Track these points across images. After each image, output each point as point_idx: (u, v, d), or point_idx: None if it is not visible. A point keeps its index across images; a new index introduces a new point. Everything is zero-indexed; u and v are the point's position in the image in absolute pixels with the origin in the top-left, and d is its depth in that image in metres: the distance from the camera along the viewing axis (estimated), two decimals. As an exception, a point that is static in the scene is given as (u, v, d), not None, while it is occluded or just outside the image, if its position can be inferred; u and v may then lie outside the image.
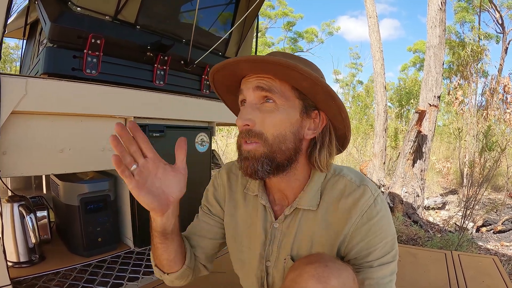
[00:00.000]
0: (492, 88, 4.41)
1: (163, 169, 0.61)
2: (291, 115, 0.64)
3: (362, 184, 0.68)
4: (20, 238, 1.37)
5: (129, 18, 1.66)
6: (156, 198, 0.60)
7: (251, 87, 0.65)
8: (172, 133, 1.73)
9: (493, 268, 1.75)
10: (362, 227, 0.65)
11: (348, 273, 0.59)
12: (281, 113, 0.63)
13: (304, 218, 0.71)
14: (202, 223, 0.86)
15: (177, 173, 0.62)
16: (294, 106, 0.65)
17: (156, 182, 0.60)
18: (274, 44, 19.43)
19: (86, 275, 1.42)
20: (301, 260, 0.64)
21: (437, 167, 5.93)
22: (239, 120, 0.65)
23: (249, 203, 0.79)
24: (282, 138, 0.64)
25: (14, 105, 1.18)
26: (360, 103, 10.11)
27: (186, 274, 0.78)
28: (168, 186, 0.61)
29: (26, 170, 1.30)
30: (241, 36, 2.40)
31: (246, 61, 0.63)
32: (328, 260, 0.59)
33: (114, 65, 1.66)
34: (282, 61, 0.59)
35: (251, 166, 0.64)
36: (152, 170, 0.60)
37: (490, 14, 8.38)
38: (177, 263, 0.76)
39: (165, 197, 0.61)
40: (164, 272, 0.77)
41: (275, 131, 0.63)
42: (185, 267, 0.77)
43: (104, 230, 1.58)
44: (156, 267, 0.78)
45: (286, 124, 0.64)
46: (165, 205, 0.62)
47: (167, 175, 0.61)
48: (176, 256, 0.74)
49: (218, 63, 0.67)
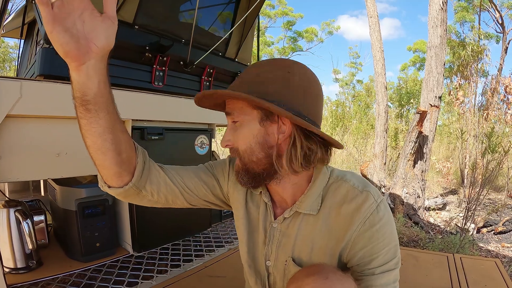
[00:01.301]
0: (493, 88, 4.39)
1: (90, 12, 0.52)
2: (252, 127, 0.66)
3: (365, 189, 0.67)
4: (17, 244, 1.34)
5: (127, 18, 1.63)
6: (74, 40, 0.51)
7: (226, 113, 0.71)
8: (171, 136, 1.70)
9: (495, 271, 1.74)
10: (364, 233, 0.65)
11: (350, 284, 0.58)
12: (243, 128, 0.67)
13: (305, 222, 0.70)
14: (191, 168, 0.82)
15: (105, 20, 0.53)
16: (253, 118, 0.66)
17: (79, 24, 0.51)
18: (273, 43, 19.39)
19: (85, 279, 1.40)
20: (301, 271, 0.64)
21: (437, 167, 5.92)
22: (221, 142, 0.71)
23: (254, 201, 0.79)
24: (250, 151, 0.66)
25: (9, 109, 1.15)
26: (361, 103, 10.10)
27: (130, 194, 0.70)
28: (92, 32, 0.52)
29: (22, 175, 1.28)
30: (242, 36, 2.37)
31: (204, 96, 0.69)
32: (328, 272, 0.59)
33: (111, 66, 1.61)
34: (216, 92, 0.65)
35: (238, 178, 0.71)
36: (77, 9, 0.51)
37: (490, 13, 8.38)
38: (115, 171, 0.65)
39: (85, 43, 0.52)
40: (105, 183, 0.68)
41: (243, 145, 0.67)
42: (130, 185, 0.67)
43: (102, 235, 1.55)
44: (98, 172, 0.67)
45: (249, 137, 0.66)
46: (84, 52, 0.52)
47: (94, 19, 0.52)
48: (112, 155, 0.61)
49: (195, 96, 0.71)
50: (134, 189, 0.68)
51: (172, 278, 1.49)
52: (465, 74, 4.81)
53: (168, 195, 0.75)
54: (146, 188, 0.71)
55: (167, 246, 1.83)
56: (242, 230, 0.80)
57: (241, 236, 0.81)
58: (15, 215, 1.33)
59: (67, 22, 0.50)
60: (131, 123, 1.53)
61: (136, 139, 1.58)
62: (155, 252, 1.74)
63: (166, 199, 0.75)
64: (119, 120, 0.62)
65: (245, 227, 0.79)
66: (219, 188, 0.81)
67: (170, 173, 0.75)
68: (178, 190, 0.75)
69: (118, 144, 0.62)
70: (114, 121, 0.60)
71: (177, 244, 1.88)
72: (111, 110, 0.59)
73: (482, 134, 3.57)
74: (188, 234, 1.97)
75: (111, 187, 0.68)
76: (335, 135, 8.07)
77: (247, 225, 0.79)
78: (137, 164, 0.68)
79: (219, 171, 0.82)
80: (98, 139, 0.59)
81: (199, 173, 0.80)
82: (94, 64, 0.54)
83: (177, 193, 0.75)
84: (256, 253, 0.79)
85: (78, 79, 0.54)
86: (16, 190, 2.09)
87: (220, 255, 1.78)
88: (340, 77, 21.07)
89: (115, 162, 0.63)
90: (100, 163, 0.63)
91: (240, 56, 2.38)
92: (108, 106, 0.58)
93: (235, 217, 0.83)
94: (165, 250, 1.78)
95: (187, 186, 0.77)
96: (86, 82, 0.55)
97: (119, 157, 0.63)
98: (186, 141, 1.80)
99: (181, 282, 1.47)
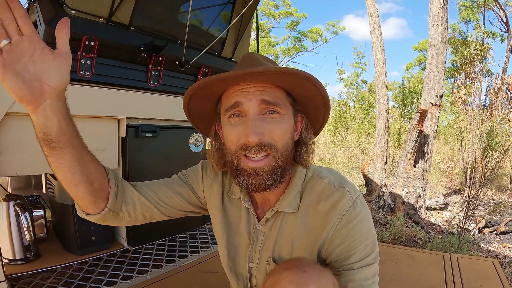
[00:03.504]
0: (496, 87, 4.34)
1: (40, 52, 0.50)
2: (291, 123, 0.66)
3: (340, 186, 0.68)
4: (16, 236, 1.40)
5: (123, 19, 1.68)
6: (26, 85, 0.49)
7: (253, 99, 0.62)
8: (165, 134, 1.74)
9: (492, 271, 1.72)
10: (341, 230, 0.65)
11: (328, 278, 0.58)
12: (285, 122, 0.64)
13: (285, 220, 0.71)
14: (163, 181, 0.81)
15: (57, 57, 0.52)
16: (290, 113, 0.66)
17: (30, 66, 0.50)
18: (278, 43, 19.41)
19: (82, 273, 1.45)
20: (280, 265, 0.64)
21: (441, 167, 5.86)
22: (252, 136, 0.59)
23: (233, 206, 0.79)
24: (287, 146, 0.64)
25: (8, 107, 1.21)
26: (365, 103, 10.02)
27: (108, 218, 0.70)
28: (44, 72, 0.51)
29: (21, 170, 1.33)
30: (238, 35, 2.40)
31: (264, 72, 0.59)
32: (306, 265, 0.59)
33: (108, 66, 1.68)
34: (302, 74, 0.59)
35: (264, 182, 0.63)
36: (27, 50, 0.49)
37: (495, 12, 8.24)
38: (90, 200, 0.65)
39: (39, 85, 0.51)
40: (83, 211, 0.68)
41: (283, 140, 0.63)
42: (106, 210, 0.68)
43: (98, 229, 1.60)
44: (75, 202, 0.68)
45: (289, 132, 0.65)
46: (38, 95, 0.51)
47: (45, 58, 0.51)
48: (84, 186, 0.62)
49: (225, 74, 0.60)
50: (111, 213, 0.69)
51: (166, 273, 1.53)
52: (469, 73, 4.76)
53: (145, 213, 0.75)
54: (123, 210, 0.71)
55: (164, 242, 1.87)
56: (221, 234, 0.79)
57: (220, 240, 0.80)
58: (14, 209, 1.38)
59: (18, 66, 0.49)
60: (125, 121, 1.58)
61: (131, 136, 1.62)
62: (151, 248, 1.78)
63: (144, 216, 0.76)
64: (86, 151, 0.61)
65: (224, 231, 0.79)
66: (194, 196, 0.81)
67: (143, 191, 0.75)
68: (153, 205, 0.75)
69: (89, 174, 0.62)
70: (81, 154, 0.60)
71: (173, 240, 1.92)
72: (76, 144, 0.58)
73: (484, 133, 3.52)
74: (182, 231, 2.01)
75: (89, 214, 0.68)
76: (337, 134, 8.04)
77: (226, 229, 0.79)
78: (110, 189, 0.68)
79: (193, 179, 0.82)
80: (68, 174, 0.59)
81: (172, 185, 0.79)
82: (50, 104, 0.53)
83: (153, 208, 0.76)
84: (236, 256, 0.79)
85: (37, 121, 0.53)
86: (18, 187, 2.16)
87: (214, 252, 1.81)
88: (345, 77, 20.96)
89: (88, 192, 0.63)
90: (74, 194, 0.63)
91: (237, 56, 2.41)
92: (72, 142, 0.57)
93: (212, 222, 0.82)
94: (162, 246, 1.82)
95: (162, 200, 0.77)
96: (46, 123, 0.54)
97: (91, 187, 0.63)
98: (180, 139, 1.84)
99: (175, 277, 1.50)
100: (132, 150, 1.64)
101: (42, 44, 0.51)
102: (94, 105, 1.43)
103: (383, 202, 4.07)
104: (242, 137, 0.62)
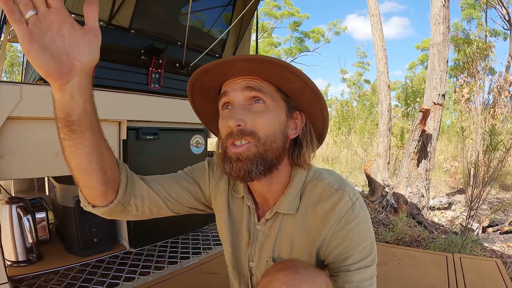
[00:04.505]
0: (500, 85, 4.30)
1: (69, 26, 0.47)
2: (280, 115, 0.65)
3: (340, 188, 0.68)
4: (18, 238, 1.42)
5: (123, 23, 1.69)
6: (54, 59, 0.46)
7: (238, 88, 0.64)
8: (166, 136, 1.75)
9: (495, 271, 1.69)
10: (339, 231, 0.65)
11: (321, 280, 0.58)
12: (271, 113, 0.64)
13: (285, 221, 0.71)
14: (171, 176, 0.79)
15: (87, 33, 0.49)
16: (281, 107, 0.66)
17: (58, 40, 0.47)
18: (280, 44, 19.43)
19: (84, 274, 1.46)
20: (274, 266, 0.64)
21: (445, 167, 5.82)
22: (231, 120, 0.61)
23: (236, 204, 0.79)
24: (273, 138, 0.64)
25: (10, 111, 1.22)
26: (368, 102, 10.00)
27: (116, 211, 0.67)
28: (74, 47, 0.48)
29: (23, 173, 1.34)
30: (238, 37, 2.41)
31: (241, 60, 0.61)
32: (300, 267, 0.59)
33: (109, 69, 1.69)
34: (278, 61, 0.60)
35: (244, 168, 0.62)
36: (54, 23, 0.46)
37: (497, 10, 8.15)
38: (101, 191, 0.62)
39: (68, 61, 0.48)
40: (89, 203, 0.65)
41: (267, 130, 0.63)
42: (115, 202, 0.65)
43: (100, 231, 1.61)
44: (80, 192, 0.64)
45: (276, 123, 0.64)
46: (67, 70, 0.48)
47: (74, 33, 0.48)
48: (98, 175, 0.59)
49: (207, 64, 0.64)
50: (120, 206, 0.67)
51: (167, 274, 1.54)
52: (471, 71, 4.73)
53: (152, 207, 0.73)
54: (131, 203, 0.69)
55: (166, 244, 1.88)
56: (226, 232, 0.79)
57: (225, 238, 0.80)
58: (16, 211, 1.40)
59: (45, 39, 0.46)
60: (126, 124, 1.59)
61: (132, 139, 1.63)
62: (153, 249, 1.79)
63: (151, 211, 0.74)
64: (103, 139, 0.59)
65: (228, 229, 0.79)
66: (201, 193, 0.80)
67: (152, 185, 0.73)
68: (162, 200, 0.74)
69: (103, 163, 0.59)
70: (99, 140, 0.57)
71: (175, 241, 1.93)
72: (97, 130, 0.56)
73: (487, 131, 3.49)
74: (183, 232, 2.01)
75: (95, 206, 0.65)
76: (340, 135, 8.02)
77: (230, 227, 0.79)
78: (121, 180, 0.66)
79: (199, 176, 0.81)
80: (83, 160, 0.56)
81: (180, 181, 0.78)
82: (78, 82, 0.50)
83: (161, 203, 0.74)
84: (239, 254, 0.80)
85: (62, 100, 0.50)
86: (22, 190, 2.19)
87: (217, 253, 1.81)
88: (348, 77, 20.92)
89: (101, 181, 0.60)
90: (85, 183, 0.60)
91: (237, 57, 2.41)
92: (93, 126, 0.55)
93: (217, 220, 0.82)
94: (164, 248, 1.83)
95: (170, 195, 0.75)
96: (70, 102, 0.51)
97: (104, 176, 0.60)
98: (181, 141, 1.85)
99: (176, 278, 1.50)
100: (133, 152, 1.65)
101: (71, 19, 0.48)
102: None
103: (386, 202, 4.05)
104: (227, 126, 0.63)
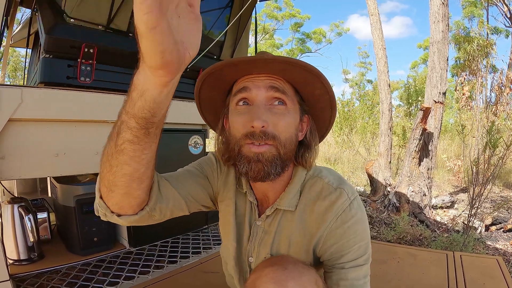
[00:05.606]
0: (501, 83, 4.28)
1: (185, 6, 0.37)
2: (296, 118, 0.66)
3: (339, 187, 0.69)
4: (20, 237, 1.45)
5: (121, 26, 1.73)
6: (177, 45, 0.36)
7: (262, 86, 0.62)
8: (164, 136, 1.77)
9: (496, 269, 1.68)
10: (336, 230, 0.66)
11: (310, 276, 0.59)
12: (290, 116, 0.64)
13: (284, 218, 0.72)
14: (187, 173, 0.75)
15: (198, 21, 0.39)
16: (297, 109, 0.66)
17: (174, 20, 0.36)
18: (282, 45, 19.46)
19: (85, 273, 1.49)
20: (263, 262, 0.66)
21: (448, 165, 5.78)
22: (257, 120, 0.58)
23: (240, 199, 0.80)
24: (290, 140, 0.64)
25: (11, 113, 1.26)
26: (370, 102, 9.98)
27: (143, 219, 0.61)
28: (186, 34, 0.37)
29: (24, 174, 1.38)
30: (236, 38, 2.43)
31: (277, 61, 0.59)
32: (289, 263, 0.60)
33: (107, 72, 1.73)
34: (311, 68, 0.60)
35: (264, 169, 0.61)
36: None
37: (499, 8, 8.11)
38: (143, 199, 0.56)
39: (183, 49, 0.37)
40: (113, 212, 0.56)
41: (287, 133, 0.63)
42: (147, 209, 0.59)
43: (100, 230, 1.64)
44: (102, 200, 0.55)
45: (293, 127, 0.65)
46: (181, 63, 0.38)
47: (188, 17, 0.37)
48: (148, 182, 0.54)
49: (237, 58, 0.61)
50: (147, 214, 0.60)
51: (167, 273, 1.55)
52: (473, 69, 4.71)
53: (174, 209, 0.68)
54: (156, 209, 0.62)
55: (166, 243, 1.90)
56: (232, 226, 0.79)
57: (230, 232, 0.79)
58: (18, 211, 1.43)
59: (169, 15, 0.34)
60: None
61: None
62: (154, 249, 1.81)
63: (171, 213, 0.68)
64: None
65: (235, 223, 0.79)
66: (210, 188, 0.79)
67: (176, 185, 0.69)
68: (184, 201, 0.70)
69: (153, 169, 0.54)
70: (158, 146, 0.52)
71: (176, 240, 1.95)
72: (160, 133, 0.50)
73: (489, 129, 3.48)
74: (183, 231, 2.03)
75: (122, 215, 0.57)
76: (342, 135, 8.01)
77: (236, 221, 0.79)
78: (153, 184, 0.60)
79: (208, 170, 0.79)
80: (142, 167, 0.50)
81: (196, 178, 0.75)
82: (176, 80, 0.42)
83: (183, 204, 0.70)
84: (241, 249, 0.80)
85: (157, 98, 0.42)
86: (25, 191, 2.23)
87: (216, 252, 1.82)
88: (350, 77, 20.88)
89: (147, 189, 0.55)
90: (129, 191, 0.53)
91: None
92: (161, 131, 0.50)
93: (223, 214, 0.80)
94: (164, 247, 1.85)
95: (191, 194, 0.72)
96: (164, 101, 0.43)
97: (149, 182, 0.56)
98: (179, 142, 1.87)
99: (176, 277, 1.52)
100: (132, 153, 1.68)
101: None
102: (94, 110, 1.47)
103: (388, 202, 4.04)
104: (247, 124, 0.60)
